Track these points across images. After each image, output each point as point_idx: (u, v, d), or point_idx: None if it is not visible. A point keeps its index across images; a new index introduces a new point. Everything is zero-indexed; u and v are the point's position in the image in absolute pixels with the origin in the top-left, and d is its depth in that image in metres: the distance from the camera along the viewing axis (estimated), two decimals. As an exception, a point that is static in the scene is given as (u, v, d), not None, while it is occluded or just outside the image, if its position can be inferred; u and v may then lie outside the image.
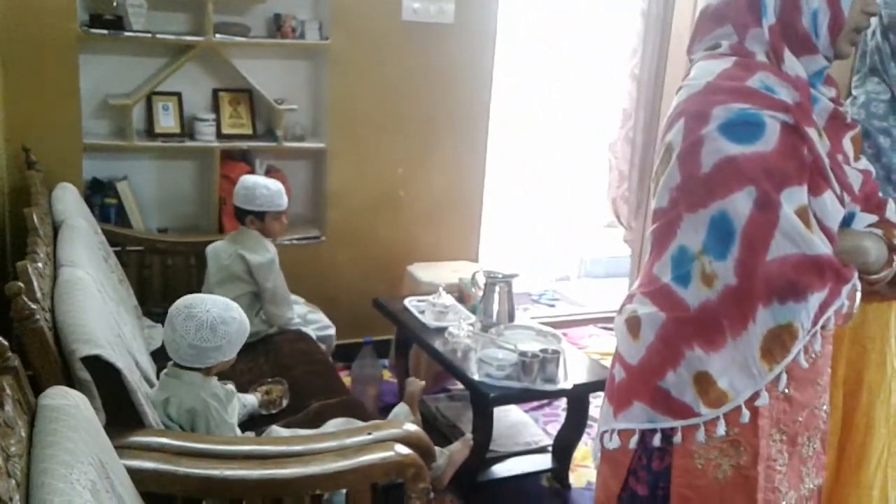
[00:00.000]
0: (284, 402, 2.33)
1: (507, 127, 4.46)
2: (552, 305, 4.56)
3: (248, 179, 2.87)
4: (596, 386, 2.62)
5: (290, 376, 2.48)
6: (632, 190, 4.17)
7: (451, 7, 3.55)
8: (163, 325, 2.74)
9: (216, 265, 2.83)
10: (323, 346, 2.89)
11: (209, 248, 2.88)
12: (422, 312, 2.99)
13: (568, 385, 2.55)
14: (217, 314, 1.91)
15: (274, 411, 2.29)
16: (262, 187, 2.82)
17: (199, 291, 2.85)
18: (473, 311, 2.99)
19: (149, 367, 2.14)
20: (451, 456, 2.05)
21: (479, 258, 3.88)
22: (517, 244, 4.76)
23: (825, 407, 1.52)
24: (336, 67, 3.39)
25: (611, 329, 4.11)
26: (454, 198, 3.78)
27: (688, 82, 1.46)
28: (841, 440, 1.71)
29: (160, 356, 2.33)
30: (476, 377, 2.53)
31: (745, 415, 1.39)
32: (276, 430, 2.03)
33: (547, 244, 4.95)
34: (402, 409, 2.22)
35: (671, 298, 1.43)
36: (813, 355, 1.38)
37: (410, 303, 3.08)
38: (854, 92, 1.79)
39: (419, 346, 2.99)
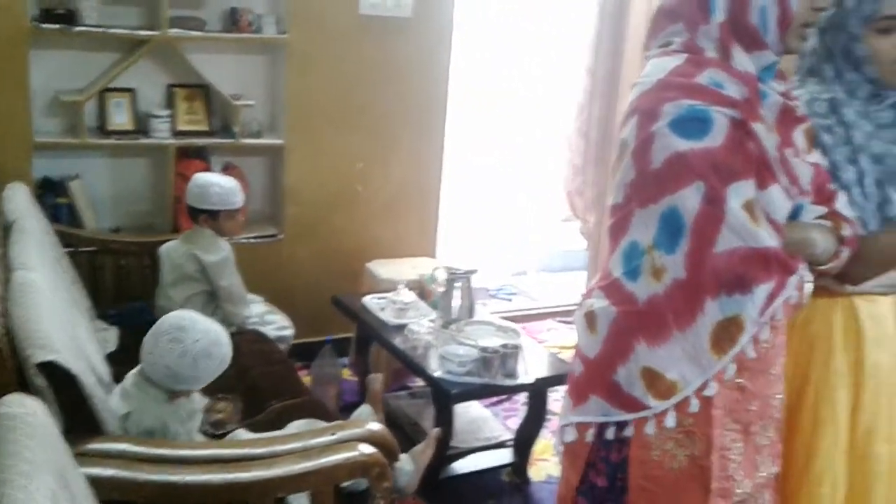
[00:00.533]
0: (232, 426, 2.15)
1: (464, 121, 4.47)
2: (509, 300, 4.60)
3: (201, 177, 2.83)
4: (555, 380, 2.66)
5: (248, 377, 2.46)
6: (587, 183, 4.22)
7: (408, 1, 3.54)
8: (118, 327, 2.76)
9: (169, 265, 2.79)
10: (282, 346, 2.87)
11: (162, 249, 2.84)
12: (382, 310, 2.99)
13: (529, 379, 2.58)
14: (203, 347, 1.85)
15: (218, 433, 2.14)
16: (216, 185, 2.78)
17: (154, 292, 2.83)
18: (434, 308, 3.00)
19: (104, 371, 2.10)
20: (417, 460, 2.05)
21: (437, 254, 3.89)
22: (475, 239, 4.78)
23: (779, 396, 1.56)
24: (294, 62, 3.37)
25: (569, 322, 4.17)
26: (412, 193, 3.79)
27: (641, 79, 1.49)
28: (788, 437, 1.74)
29: (115, 359, 2.30)
30: (437, 374, 2.54)
31: (695, 404, 1.42)
32: (239, 433, 2.01)
33: (504, 238, 4.97)
34: (364, 409, 2.22)
35: (622, 293, 1.47)
36: (763, 346, 1.41)
37: (370, 300, 3.08)
38: (796, 91, 1.83)
39: (379, 343, 2.99)
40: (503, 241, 4.99)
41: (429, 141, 3.78)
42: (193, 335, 1.85)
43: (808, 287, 1.44)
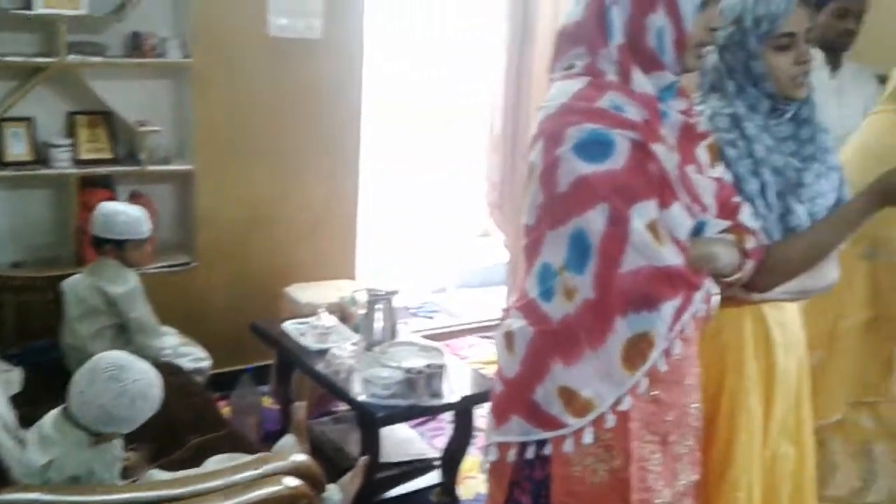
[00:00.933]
0: (140, 473, 2.06)
1: (381, 139, 4.46)
2: (431, 317, 4.59)
3: (106, 206, 2.73)
4: (480, 397, 2.66)
5: (164, 413, 2.36)
6: (504, 197, 4.27)
7: (318, 22, 3.52)
8: (21, 367, 2.62)
9: (74, 299, 2.67)
10: (199, 379, 2.79)
11: (65, 283, 2.72)
12: (302, 335, 2.94)
13: (454, 398, 2.57)
14: (141, 388, 1.80)
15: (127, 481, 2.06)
16: (122, 214, 2.69)
17: (59, 329, 2.71)
18: (356, 331, 2.96)
19: (9, 415, 1.99)
20: (346, 489, 2.02)
21: (357, 275, 3.86)
22: (394, 258, 4.76)
23: (695, 405, 1.60)
24: (200, 86, 3.29)
25: (490, 338, 4.19)
26: (329, 215, 3.75)
27: (545, 104, 1.52)
28: (705, 446, 1.78)
29: (20, 401, 2.18)
30: (362, 398, 2.51)
31: (611, 419, 1.45)
32: (155, 473, 1.93)
33: (423, 256, 4.97)
34: (288, 439, 2.17)
35: (537, 313, 1.49)
36: (675, 359, 1.46)
37: (290, 326, 3.02)
38: (698, 107, 1.89)
39: (301, 370, 2.93)
40: (423, 259, 4.99)
41: (344, 161, 3.76)
42: (133, 374, 1.81)
43: (715, 300, 1.48)
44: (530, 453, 1.51)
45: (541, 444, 1.50)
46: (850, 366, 2.13)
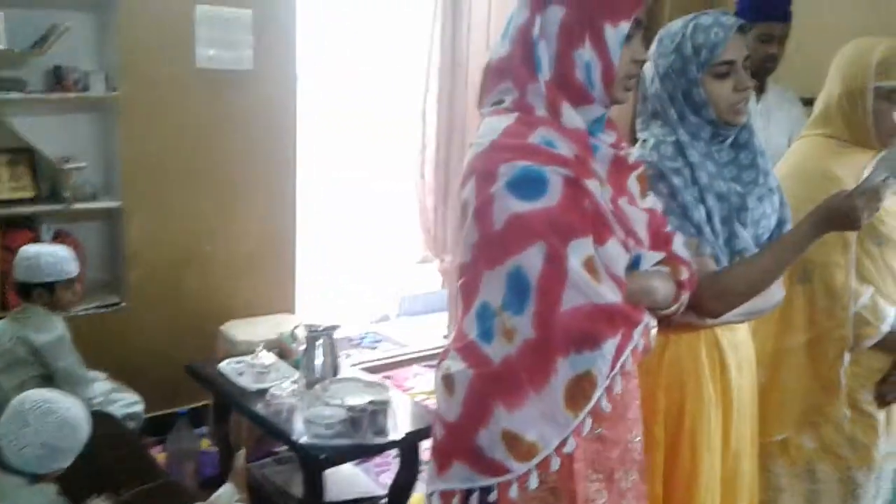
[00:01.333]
0: None
1: (318, 169, 4.41)
2: (374, 348, 4.53)
3: (28, 250, 2.61)
4: (426, 431, 2.59)
5: (95, 464, 2.25)
6: (439, 223, 4.26)
7: (248, 53, 3.46)
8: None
9: (-4, 349, 2.54)
10: (132, 424, 2.67)
11: (-14, 333, 2.58)
12: (240, 375, 2.85)
13: (399, 435, 2.52)
14: (76, 414, 1.79)
15: None
16: (47, 255, 2.58)
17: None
18: (296, 367, 2.89)
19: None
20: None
21: (296, 309, 3.78)
22: (334, 289, 4.70)
23: (638, 439, 1.60)
24: (127, 120, 3.19)
25: (434, 366, 4.14)
26: (266, 247, 3.67)
27: (476, 140, 1.50)
28: (666, 472, 1.79)
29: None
30: (304, 439, 2.43)
31: (556, 462, 1.42)
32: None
33: (363, 285, 4.92)
34: (227, 489, 2.09)
35: (477, 354, 1.46)
36: (617, 395, 1.44)
37: (227, 365, 2.92)
38: (641, 135, 1.90)
39: (239, 411, 2.84)
40: (363, 288, 4.93)
41: (280, 193, 3.68)
42: (63, 403, 1.79)
43: (654, 332, 1.48)
44: (474, 501, 1.46)
45: (485, 490, 1.45)
46: (792, 386, 2.16)
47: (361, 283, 4.91)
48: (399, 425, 2.55)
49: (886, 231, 2.06)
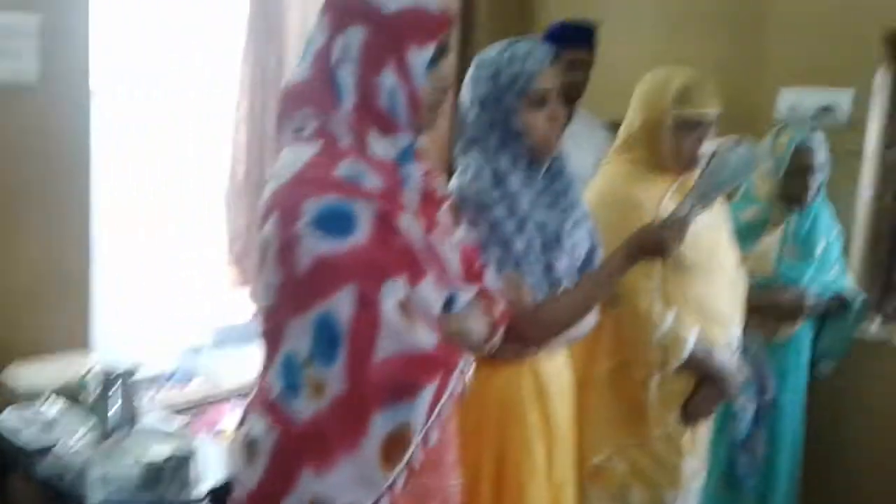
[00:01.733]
0: None
1: (119, 192, 4.07)
2: (187, 383, 4.22)
3: None
4: (237, 480, 2.42)
5: None
6: (248, 249, 4.09)
7: (32, 65, 3.11)
8: None
9: None
10: None
11: None
12: (22, 429, 2.51)
13: (206, 488, 2.32)
14: None
15: None
16: None
17: None
18: (93, 412, 2.59)
19: None
20: None
21: (96, 344, 3.44)
22: (140, 319, 4.34)
23: (455, 483, 1.56)
24: None
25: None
26: (54, 277, 3.30)
27: (276, 172, 1.38)
28: (497, 494, 1.78)
29: None
30: (97, 502, 2.17)
31: None
32: None
33: (174, 314, 4.59)
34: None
35: (282, 412, 1.33)
36: (434, 444, 1.37)
37: (6, 418, 2.57)
38: (460, 160, 1.86)
39: (21, 472, 2.50)
40: (174, 317, 4.60)
41: (73, 218, 3.34)
42: None
43: (470, 375, 1.43)
44: None
45: None
46: (603, 411, 2.22)
47: (172, 312, 4.58)
48: (207, 476, 2.35)
49: (691, 255, 2.15)
